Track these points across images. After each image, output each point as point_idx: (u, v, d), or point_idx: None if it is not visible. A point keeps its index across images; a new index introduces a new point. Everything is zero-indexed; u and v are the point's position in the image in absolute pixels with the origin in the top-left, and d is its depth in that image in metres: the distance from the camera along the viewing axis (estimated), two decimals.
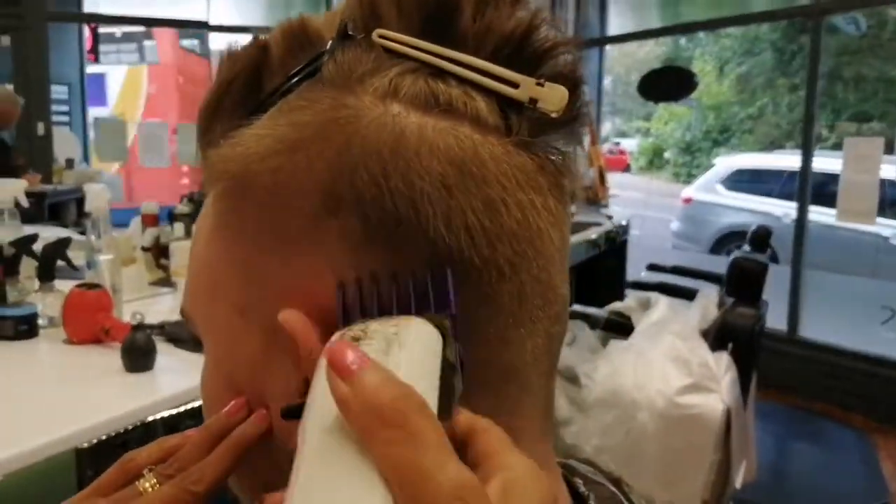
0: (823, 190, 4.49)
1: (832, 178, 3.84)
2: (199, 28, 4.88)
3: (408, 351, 0.26)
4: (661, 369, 1.81)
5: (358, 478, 0.23)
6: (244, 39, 0.36)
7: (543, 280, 0.32)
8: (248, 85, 0.34)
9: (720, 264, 2.31)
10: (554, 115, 0.31)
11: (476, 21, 0.31)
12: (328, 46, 0.32)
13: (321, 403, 0.25)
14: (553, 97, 0.31)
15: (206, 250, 0.35)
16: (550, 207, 0.32)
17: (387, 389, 0.23)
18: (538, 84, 0.31)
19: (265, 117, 0.32)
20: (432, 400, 0.25)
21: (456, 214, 0.29)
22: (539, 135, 0.31)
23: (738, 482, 1.86)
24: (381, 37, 0.31)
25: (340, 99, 0.30)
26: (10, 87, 4.24)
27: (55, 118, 4.83)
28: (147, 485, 0.35)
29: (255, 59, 0.34)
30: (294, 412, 0.27)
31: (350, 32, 0.32)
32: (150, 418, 1.09)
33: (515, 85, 0.31)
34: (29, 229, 1.75)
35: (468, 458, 0.26)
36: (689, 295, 2.37)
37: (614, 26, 5.53)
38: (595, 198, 4.39)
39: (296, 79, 0.32)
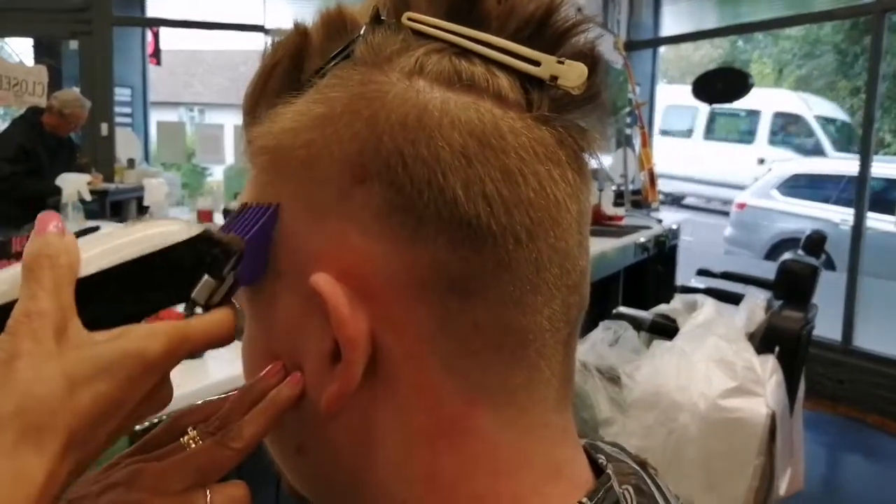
0: (884, 196, 4.34)
1: (893, 184, 3.73)
2: (255, 31, 5.00)
3: (123, 236, 0.33)
4: (705, 371, 1.79)
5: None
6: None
7: (561, 249, 0.34)
8: (289, 68, 0.37)
9: (773, 271, 2.27)
10: (574, 91, 0.32)
11: (500, 3, 0.33)
12: (362, 30, 0.34)
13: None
14: (573, 74, 0.32)
15: None
16: (569, 179, 0.33)
17: (40, 246, 0.32)
18: (559, 62, 0.32)
19: (302, 97, 0.34)
20: (97, 260, 0.32)
21: (475, 183, 0.31)
22: (560, 110, 0.33)
23: (783, 489, 1.82)
24: (409, 19, 0.33)
25: (369, 76, 0.33)
26: (77, 89, 4.43)
27: (118, 119, 5.01)
28: (190, 440, 0.38)
29: (296, 44, 0.37)
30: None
31: (382, 17, 0.34)
32: (200, 402, 1.14)
33: (537, 63, 0.32)
34: (90, 223, 1.84)
35: None
36: (737, 300, 2.33)
37: (670, 27, 5.46)
38: (645, 201, 4.34)
39: (332, 61, 0.35)
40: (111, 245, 0.33)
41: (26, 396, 0.29)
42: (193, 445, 0.37)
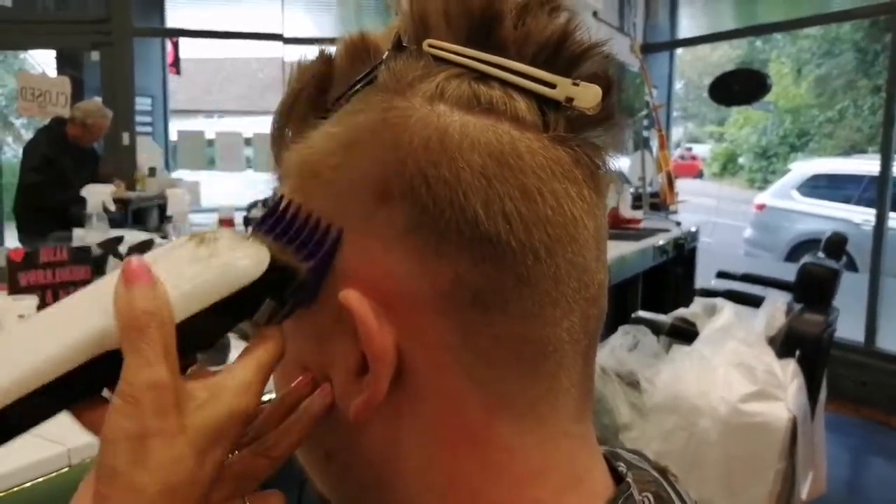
0: None
1: None
2: (274, 40, 5.05)
3: (202, 266, 0.34)
4: (725, 375, 1.78)
5: (79, 328, 0.32)
6: (314, 51, 0.41)
7: (579, 264, 0.35)
8: (315, 93, 0.38)
9: (793, 272, 2.25)
10: (589, 112, 0.34)
11: (517, 28, 0.34)
12: (384, 57, 0.36)
13: (108, 279, 0.34)
14: (588, 95, 0.33)
15: None
16: (585, 196, 0.34)
17: (147, 304, 0.32)
18: (574, 84, 0.34)
19: (328, 121, 0.36)
20: (186, 305, 0.33)
21: (494, 202, 0.32)
22: (576, 130, 0.34)
23: (805, 493, 1.81)
24: (430, 46, 0.35)
25: (391, 101, 0.34)
26: (98, 99, 4.50)
27: (139, 128, 5.08)
28: None
29: (321, 70, 0.39)
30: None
31: (403, 44, 0.36)
32: None
33: (553, 85, 0.34)
34: (114, 233, 1.87)
35: None
36: (757, 302, 2.32)
37: (686, 29, 5.43)
38: (663, 203, 4.33)
39: (356, 87, 0.36)
40: (191, 287, 0.33)
41: (169, 475, 0.31)
42: (229, 456, 0.39)
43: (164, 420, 0.31)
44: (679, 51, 5.97)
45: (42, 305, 1.50)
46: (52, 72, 6.34)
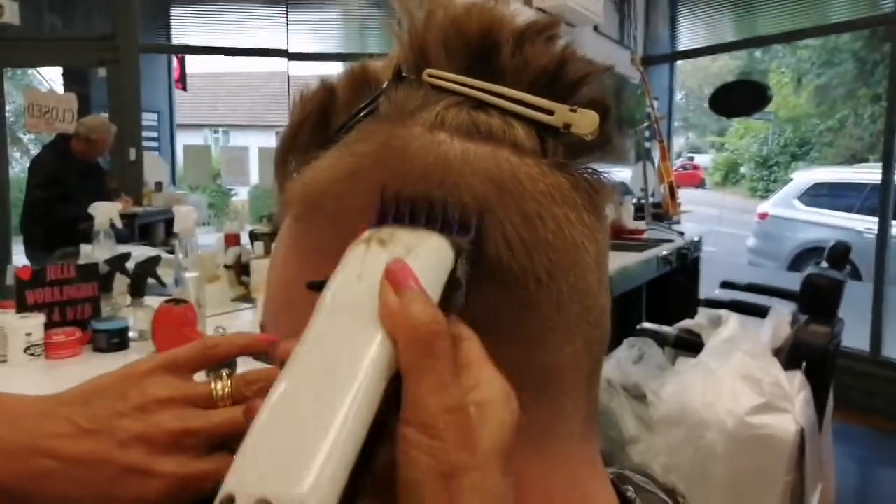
0: None
1: None
2: (279, 56, 5.08)
3: (422, 261, 0.30)
4: (731, 388, 1.78)
5: (367, 358, 0.27)
6: (318, 75, 0.41)
7: (581, 288, 0.35)
8: (317, 123, 0.39)
9: (797, 282, 2.25)
10: (587, 137, 0.34)
11: (515, 56, 0.35)
12: (384, 87, 0.37)
13: (349, 284, 0.29)
14: (585, 122, 0.34)
15: (283, 270, 0.40)
16: (585, 221, 0.35)
17: (428, 312, 0.27)
18: (571, 111, 0.34)
19: (331, 150, 0.37)
20: None
21: (495, 227, 0.33)
22: (574, 156, 0.35)
23: None
24: (430, 76, 0.35)
25: (393, 131, 0.35)
26: (105, 115, 4.53)
27: (145, 144, 5.11)
28: (219, 387, 0.39)
29: (323, 100, 0.39)
30: (317, 286, 0.31)
31: (404, 74, 0.36)
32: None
33: (551, 112, 0.34)
34: (121, 249, 1.88)
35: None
36: (762, 313, 2.32)
37: (686, 41, 5.46)
38: (665, 214, 4.33)
39: (357, 117, 0.37)
40: (425, 283, 0.29)
41: None
42: (220, 393, 0.39)
43: (472, 452, 0.26)
44: (679, 62, 5.99)
45: (49, 323, 1.52)
46: (59, 88, 6.38)
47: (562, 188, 0.34)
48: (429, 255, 0.31)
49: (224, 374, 0.40)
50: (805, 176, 8.53)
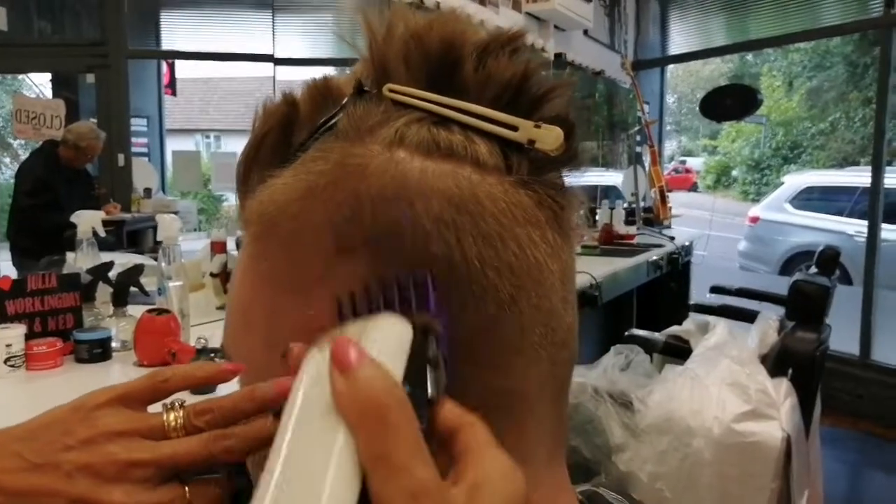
0: None
1: None
2: (265, 61, 5.07)
3: (372, 338, 0.28)
4: (718, 395, 1.78)
5: (332, 461, 0.24)
6: (308, 72, 0.39)
7: (545, 308, 0.34)
8: (279, 138, 0.37)
9: (787, 286, 2.25)
10: (551, 153, 0.33)
11: (477, 71, 0.34)
12: (344, 102, 0.36)
13: (310, 390, 0.27)
14: (550, 138, 0.33)
15: (241, 291, 0.39)
16: (549, 239, 0.34)
17: (376, 382, 0.25)
18: (536, 126, 0.33)
19: (290, 168, 0.35)
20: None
21: (455, 250, 0.32)
22: (539, 172, 0.34)
23: None
24: (390, 90, 0.34)
25: (350, 149, 0.34)
26: (93, 121, 4.51)
27: (134, 149, 5.09)
28: (171, 418, 0.38)
29: (285, 114, 0.38)
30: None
31: (365, 88, 0.35)
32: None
33: (515, 128, 0.33)
34: (107, 256, 1.86)
35: (452, 452, 0.27)
36: (751, 317, 2.32)
37: (677, 45, 5.47)
38: (656, 218, 4.34)
39: (316, 134, 0.36)
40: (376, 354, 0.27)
41: None
42: (173, 423, 0.37)
43: None
44: (671, 66, 6.00)
45: (30, 333, 1.50)
46: (49, 93, 6.35)
47: (524, 207, 0.33)
48: (379, 332, 0.29)
49: (177, 404, 0.39)
50: (796, 179, 8.57)
